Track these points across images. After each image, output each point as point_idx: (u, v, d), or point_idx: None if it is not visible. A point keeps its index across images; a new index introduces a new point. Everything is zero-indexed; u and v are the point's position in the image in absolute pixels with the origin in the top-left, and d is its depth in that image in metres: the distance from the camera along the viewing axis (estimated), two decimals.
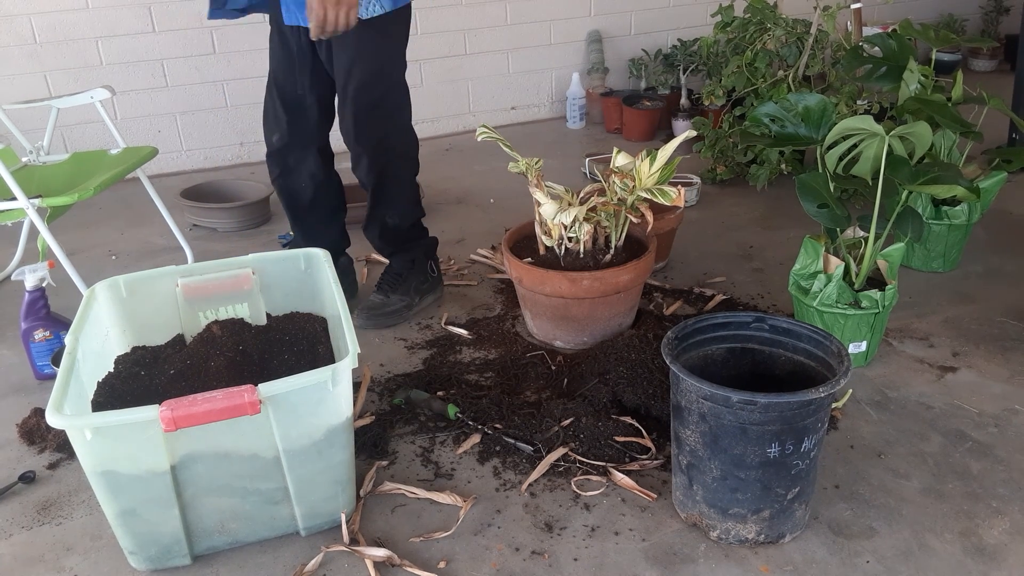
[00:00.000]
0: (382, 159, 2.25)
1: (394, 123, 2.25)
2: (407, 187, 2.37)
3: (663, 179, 2.05)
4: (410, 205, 2.40)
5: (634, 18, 4.56)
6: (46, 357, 2.15)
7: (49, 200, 2.32)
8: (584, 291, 2.09)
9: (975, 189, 1.89)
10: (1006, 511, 1.62)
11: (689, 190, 3.17)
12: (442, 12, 4.14)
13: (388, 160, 2.27)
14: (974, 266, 2.61)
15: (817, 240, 2.08)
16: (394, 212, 2.36)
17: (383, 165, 2.26)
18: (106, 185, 2.39)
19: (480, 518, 1.65)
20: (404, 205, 2.38)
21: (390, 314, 2.39)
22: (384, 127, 2.22)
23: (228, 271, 1.91)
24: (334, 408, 1.48)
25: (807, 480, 1.51)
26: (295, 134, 2.27)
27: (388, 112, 2.22)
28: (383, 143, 2.24)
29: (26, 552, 1.61)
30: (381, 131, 2.22)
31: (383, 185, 2.30)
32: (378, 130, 2.21)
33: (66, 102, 2.75)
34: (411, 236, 2.44)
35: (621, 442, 1.81)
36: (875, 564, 1.50)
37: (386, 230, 2.39)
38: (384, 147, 2.24)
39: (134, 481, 1.41)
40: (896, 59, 2.44)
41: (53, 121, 2.79)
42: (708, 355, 1.65)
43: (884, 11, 4.78)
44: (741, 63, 3.31)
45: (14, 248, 2.89)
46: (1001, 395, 1.98)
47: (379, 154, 2.24)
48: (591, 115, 4.44)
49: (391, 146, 2.26)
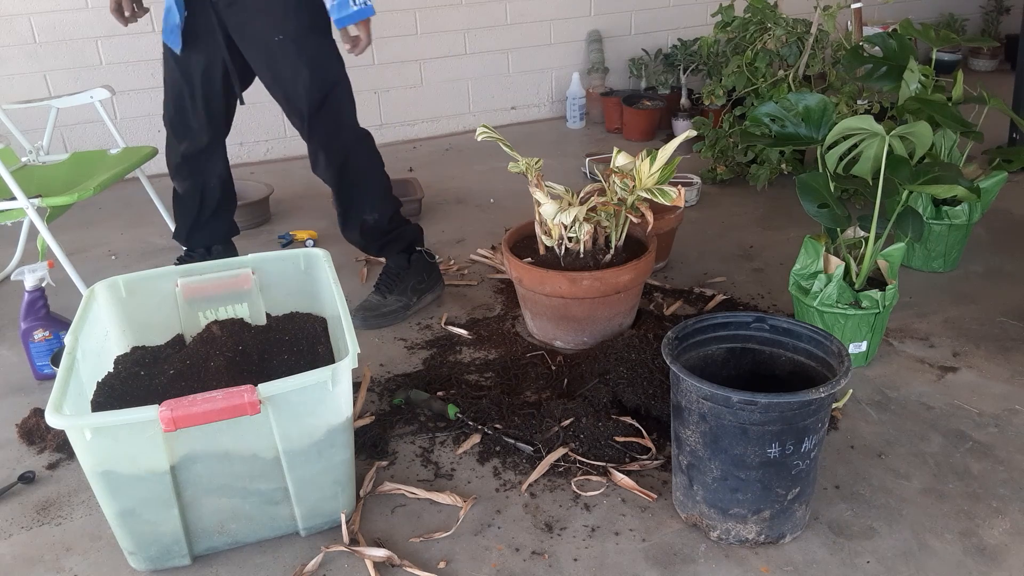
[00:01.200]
0: (340, 154, 2.28)
1: (342, 118, 2.28)
2: (373, 178, 2.37)
3: (663, 179, 2.05)
4: (383, 197, 2.39)
5: (634, 18, 4.56)
6: (46, 357, 2.15)
7: (49, 200, 2.32)
8: (584, 291, 2.09)
9: (975, 189, 1.89)
10: (1006, 511, 1.62)
11: (689, 190, 3.17)
12: (442, 12, 4.14)
13: (346, 154, 2.29)
14: (974, 266, 2.61)
15: (817, 240, 2.08)
16: (369, 208, 2.36)
17: (342, 159, 2.28)
18: (106, 185, 2.40)
19: (480, 518, 1.65)
20: (376, 199, 2.37)
21: (386, 315, 2.39)
22: (334, 123, 2.26)
23: (228, 271, 1.91)
24: (334, 408, 1.48)
25: (807, 480, 1.51)
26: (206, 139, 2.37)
27: (336, 108, 2.25)
28: (337, 138, 2.27)
29: (26, 552, 1.61)
30: (332, 126, 2.25)
31: (347, 179, 2.32)
32: (328, 125, 2.24)
33: (66, 102, 2.76)
34: (392, 229, 2.43)
35: (621, 442, 1.81)
36: (875, 564, 1.50)
37: (367, 228, 2.39)
38: (339, 142, 2.27)
39: (134, 481, 1.41)
40: (896, 59, 2.44)
41: (52, 121, 2.80)
42: (708, 355, 1.65)
43: (884, 11, 4.78)
44: (741, 63, 3.31)
45: (13, 248, 2.89)
46: (1001, 395, 1.97)
47: (335, 149, 2.27)
48: (591, 115, 4.44)
49: (345, 140, 2.29)
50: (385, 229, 2.41)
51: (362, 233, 2.40)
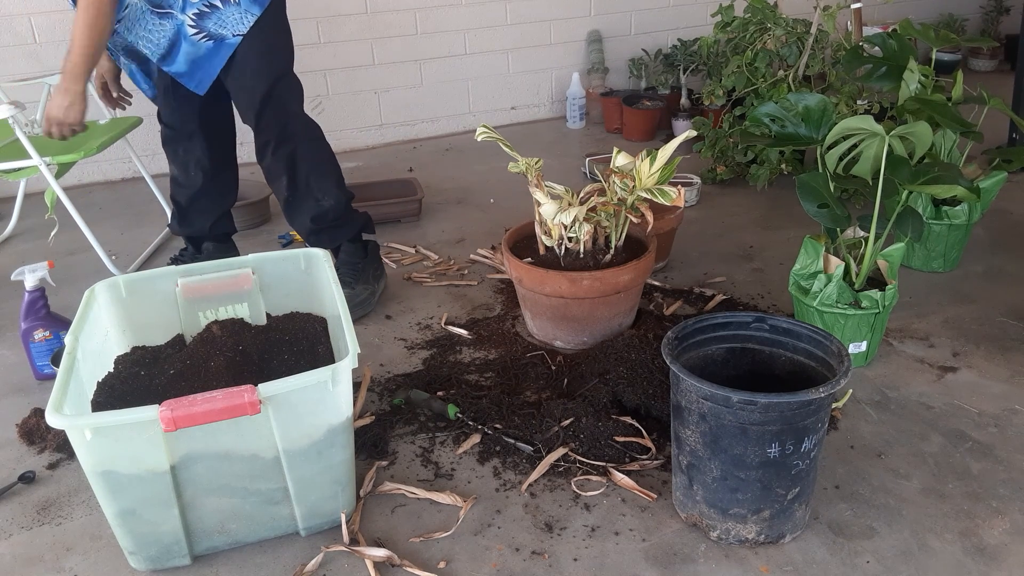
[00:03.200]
0: (290, 143, 2.32)
1: (288, 109, 2.32)
2: (327, 167, 2.41)
3: (663, 179, 2.05)
4: (339, 186, 2.43)
5: (634, 18, 4.56)
6: (46, 357, 2.15)
7: (58, 158, 2.57)
8: (584, 291, 2.09)
9: (975, 189, 1.89)
10: (1006, 511, 1.62)
11: (689, 190, 3.17)
12: (442, 12, 4.14)
13: (297, 143, 2.33)
14: (974, 266, 2.61)
15: (817, 240, 2.08)
16: (322, 194, 2.38)
17: (293, 148, 2.32)
18: (105, 145, 2.71)
19: (480, 518, 1.65)
20: (330, 183, 2.40)
21: (361, 304, 2.43)
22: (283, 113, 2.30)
23: (228, 271, 1.91)
24: (334, 408, 1.48)
25: (807, 480, 1.51)
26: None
27: (280, 99, 2.29)
28: (287, 128, 2.31)
29: (26, 552, 1.61)
30: (281, 117, 2.29)
31: (299, 169, 2.34)
32: (278, 116, 2.29)
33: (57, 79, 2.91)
34: (343, 214, 2.45)
35: (621, 442, 1.81)
36: (875, 564, 1.50)
37: (321, 213, 2.39)
38: (289, 132, 2.31)
39: (134, 481, 1.41)
40: (896, 59, 2.44)
41: (45, 97, 3.04)
42: (708, 355, 1.65)
43: (884, 11, 4.78)
44: (741, 63, 3.31)
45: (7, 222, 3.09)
46: (1001, 395, 1.98)
47: (286, 140, 2.31)
48: (591, 115, 4.44)
49: (293, 131, 2.33)
50: (338, 214, 2.43)
51: (314, 219, 2.40)
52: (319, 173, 2.38)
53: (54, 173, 2.61)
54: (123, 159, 3.74)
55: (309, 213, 2.39)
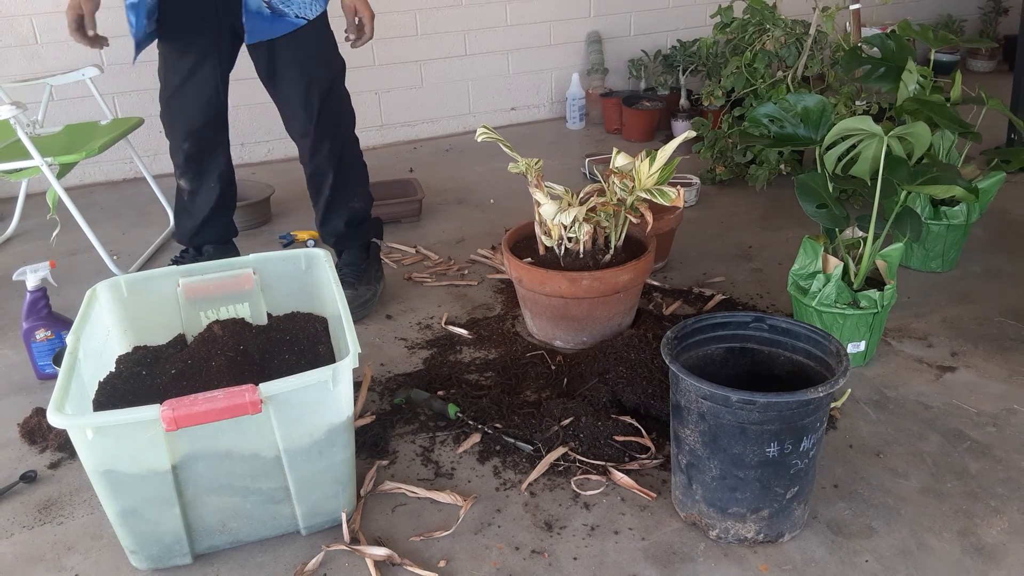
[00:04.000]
0: (340, 142, 2.36)
1: (343, 107, 2.37)
2: (363, 167, 2.48)
3: (662, 179, 2.06)
4: (367, 186, 2.50)
5: (634, 19, 4.56)
6: (47, 357, 2.16)
7: (60, 158, 2.59)
8: (584, 291, 2.09)
9: (973, 189, 1.89)
10: (1005, 510, 1.62)
11: (688, 190, 3.18)
12: (442, 13, 4.15)
13: (345, 143, 2.38)
14: (973, 266, 2.62)
15: (816, 240, 2.09)
16: (358, 196, 2.45)
17: (342, 147, 2.36)
18: (107, 146, 2.71)
19: (480, 517, 1.65)
20: (364, 186, 2.48)
21: (364, 304, 2.44)
22: (339, 111, 2.34)
23: (229, 271, 1.91)
24: (335, 407, 1.49)
25: (806, 479, 1.52)
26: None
27: (339, 97, 2.33)
28: (341, 126, 2.35)
29: (27, 551, 1.62)
30: (337, 115, 2.33)
31: (345, 168, 2.40)
32: (336, 115, 2.32)
33: (59, 80, 3.08)
34: (369, 217, 2.53)
35: (621, 441, 1.81)
36: (874, 563, 1.51)
37: (353, 216, 2.46)
38: (342, 130, 2.36)
39: (135, 480, 1.42)
40: (895, 60, 2.45)
41: (47, 97, 3.10)
42: (707, 355, 1.65)
43: (883, 12, 4.78)
44: (740, 64, 3.32)
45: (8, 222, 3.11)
46: (1000, 395, 1.98)
47: (338, 137, 2.35)
48: (591, 116, 4.45)
49: (346, 128, 2.38)
50: (365, 217, 2.51)
51: (348, 223, 2.46)
52: (360, 175, 2.45)
53: (55, 173, 2.63)
54: (124, 159, 3.74)
55: (344, 217, 2.45)
